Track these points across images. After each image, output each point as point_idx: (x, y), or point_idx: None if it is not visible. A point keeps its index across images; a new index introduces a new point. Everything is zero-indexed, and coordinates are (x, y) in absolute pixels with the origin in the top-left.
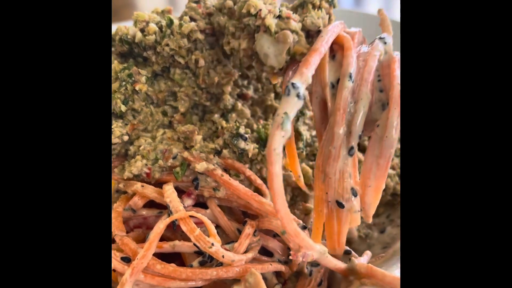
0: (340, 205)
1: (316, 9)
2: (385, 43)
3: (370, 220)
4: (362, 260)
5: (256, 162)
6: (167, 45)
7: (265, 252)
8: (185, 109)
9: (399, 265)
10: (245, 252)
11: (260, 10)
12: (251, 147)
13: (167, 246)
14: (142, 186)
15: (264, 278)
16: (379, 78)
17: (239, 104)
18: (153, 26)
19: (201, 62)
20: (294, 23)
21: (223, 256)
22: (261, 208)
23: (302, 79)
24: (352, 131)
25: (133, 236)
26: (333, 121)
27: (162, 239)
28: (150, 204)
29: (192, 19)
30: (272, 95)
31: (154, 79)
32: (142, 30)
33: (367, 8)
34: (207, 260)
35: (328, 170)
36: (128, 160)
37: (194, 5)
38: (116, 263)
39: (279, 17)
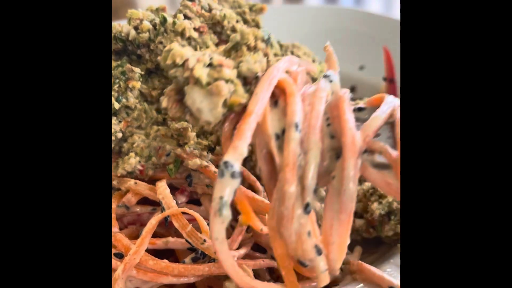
0: (303, 265)
1: (252, 52)
2: (331, 81)
3: (337, 273)
4: (353, 257)
5: (249, 159)
6: (161, 42)
7: (258, 248)
8: None
9: (390, 260)
10: (238, 248)
11: (187, 59)
12: None
13: (160, 243)
14: (136, 183)
15: (257, 274)
16: (328, 122)
17: None
18: (147, 24)
19: None
20: (228, 70)
21: (215, 252)
22: (254, 205)
23: (236, 155)
24: (305, 186)
25: (127, 232)
26: (283, 179)
27: (156, 235)
28: (144, 201)
29: (186, 17)
30: None
31: (148, 77)
32: (136, 28)
33: (368, 7)
34: (200, 257)
35: (283, 232)
36: (121, 157)
37: (188, 3)
38: None
39: (210, 65)
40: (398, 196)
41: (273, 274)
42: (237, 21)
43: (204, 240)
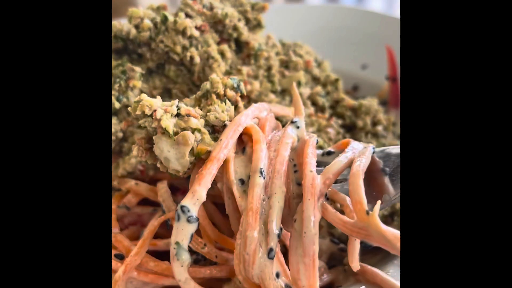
0: None
1: (221, 100)
2: (297, 127)
3: None
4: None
5: None
6: (162, 41)
7: None
8: None
9: (394, 261)
10: None
11: (155, 110)
12: None
13: (161, 244)
14: (136, 183)
15: None
16: (295, 169)
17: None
18: (147, 23)
19: (196, 59)
20: (195, 120)
21: (216, 256)
22: None
23: (194, 199)
24: (269, 231)
25: (128, 233)
26: (245, 223)
27: (158, 236)
28: (145, 201)
29: (187, 15)
30: (271, 95)
31: (149, 76)
32: (136, 27)
33: (370, 5)
34: (201, 259)
35: (247, 275)
36: (122, 158)
37: (189, 1)
38: None
39: (178, 115)
40: (352, 234)
41: None
42: (239, 20)
43: (205, 245)
